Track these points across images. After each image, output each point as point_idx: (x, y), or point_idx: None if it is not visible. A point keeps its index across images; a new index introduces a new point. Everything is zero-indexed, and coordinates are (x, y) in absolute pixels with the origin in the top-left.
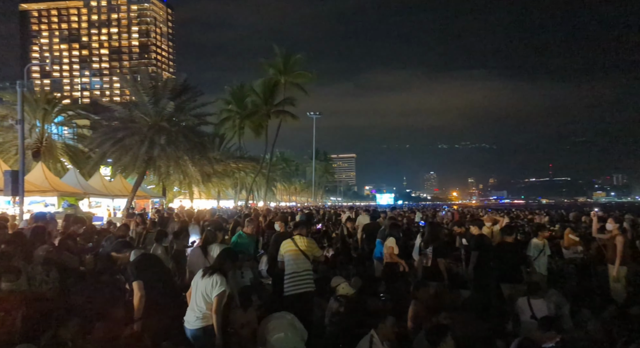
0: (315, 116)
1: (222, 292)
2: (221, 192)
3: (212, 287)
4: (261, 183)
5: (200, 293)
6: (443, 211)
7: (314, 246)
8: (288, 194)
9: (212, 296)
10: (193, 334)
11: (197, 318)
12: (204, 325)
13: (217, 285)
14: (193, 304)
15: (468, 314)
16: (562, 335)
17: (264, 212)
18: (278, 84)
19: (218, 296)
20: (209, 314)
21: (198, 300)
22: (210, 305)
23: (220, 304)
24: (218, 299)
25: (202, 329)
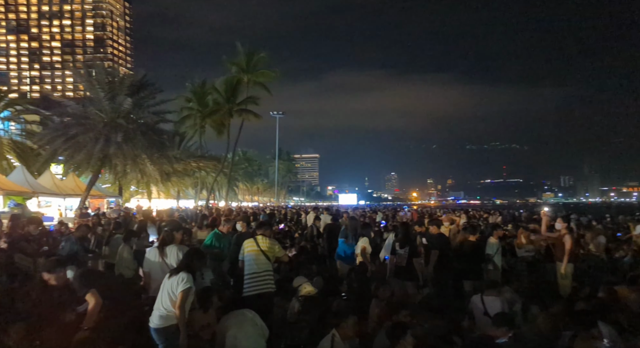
0: (278, 116)
1: (187, 289)
2: (181, 192)
3: (177, 284)
4: (223, 182)
5: (166, 292)
6: (403, 211)
7: (276, 247)
8: (250, 194)
9: (177, 293)
10: (157, 334)
11: (162, 317)
12: (168, 324)
13: (183, 282)
14: (158, 303)
15: (427, 312)
16: (514, 331)
17: (226, 212)
18: (241, 82)
19: (183, 292)
20: (173, 313)
21: (164, 299)
22: (175, 304)
23: (184, 300)
24: (183, 294)
25: (166, 328)
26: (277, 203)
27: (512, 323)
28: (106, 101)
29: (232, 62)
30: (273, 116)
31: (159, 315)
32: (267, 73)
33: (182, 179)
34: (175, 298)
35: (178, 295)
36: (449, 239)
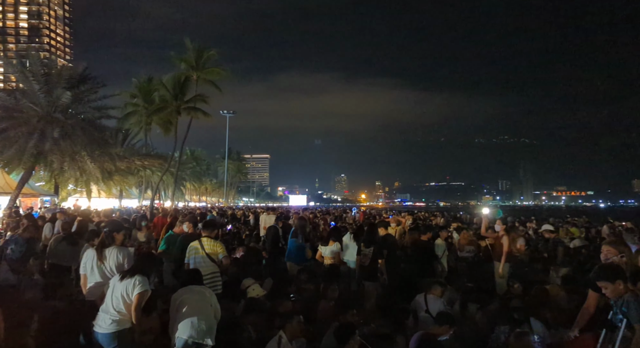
0: (228, 115)
1: (144, 291)
2: (124, 191)
3: (133, 287)
4: (169, 182)
5: (119, 295)
6: (352, 212)
7: (219, 249)
8: (198, 194)
9: (132, 296)
10: (106, 338)
11: (113, 321)
12: (119, 328)
13: (139, 285)
14: (108, 307)
15: (373, 311)
16: (454, 328)
17: (171, 212)
18: (189, 79)
19: (139, 294)
20: (126, 317)
21: (115, 303)
22: (129, 307)
23: (140, 303)
24: (139, 297)
25: (117, 333)
26: (226, 204)
27: (452, 321)
28: (41, 94)
29: (180, 59)
30: (223, 115)
31: (111, 319)
32: (218, 71)
33: (125, 178)
34: (130, 301)
35: (134, 297)
36: (395, 239)
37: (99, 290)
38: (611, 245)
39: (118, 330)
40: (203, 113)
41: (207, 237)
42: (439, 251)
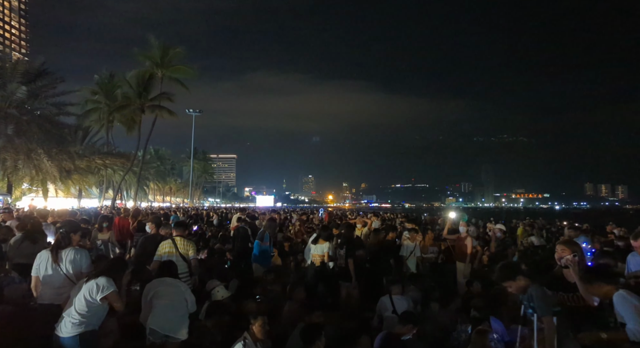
0: (194, 113)
1: (111, 293)
2: (83, 190)
3: (97, 291)
4: (132, 181)
5: (82, 297)
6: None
7: (190, 250)
8: (162, 194)
9: (98, 299)
10: (68, 342)
11: (74, 324)
12: (81, 330)
13: (103, 288)
14: (70, 310)
15: (339, 312)
16: (417, 327)
17: (133, 212)
18: (154, 77)
19: (108, 296)
20: (89, 320)
21: (78, 305)
22: (94, 309)
23: (115, 301)
24: (110, 298)
25: (79, 336)
26: (191, 204)
27: (416, 321)
28: None
29: (144, 55)
30: (189, 114)
31: (72, 322)
32: (184, 69)
33: (85, 177)
34: (95, 304)
35: (107, 297)
36: (362, 240)
37: (54, 292)
38: (565, 245)
39: (80, 333)
40: (168, 111)
41: (180, 236)
42: (405, 251)
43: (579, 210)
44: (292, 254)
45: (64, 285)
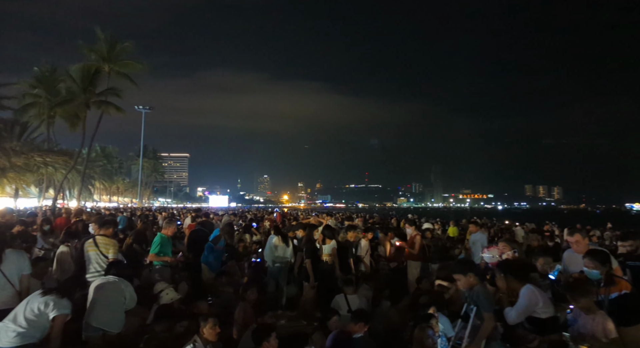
0: (144, 110)
1: (62, 315)
2: (20, 189)
3: (53, 308)
4: (75, 180)
5: (29, 309)
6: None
7: (111, 249)
8: (108, 194)
9: (49, 316)
10: None
11: (17, 334)
12: (24, 342)
13: (57, 307)
14: (17, 318)
15: (291, 312)
16: (368, 325)
17: (75, 213)
18: (100, 71)
19: (58, 318)
20: (33, 333)
21: (27, 314)
22: (40, 324)
23: (59, 327)
24: (58, 320)
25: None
26: (140, 204)
27: (367, 319)
28: None
29: (90, 49)
30: (138, 111)
31: (16, 331)
32: (132, 64)
33: (23, 175)
34: (42, 319)
35: (52, 320)
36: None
37: None
38: (506, 242)
39: (21, 345)
40: (115, 108)
41: (103, 236)
42: (362, 251)
43: (519, 210)
44: (246, 255)
45: (3, 288)
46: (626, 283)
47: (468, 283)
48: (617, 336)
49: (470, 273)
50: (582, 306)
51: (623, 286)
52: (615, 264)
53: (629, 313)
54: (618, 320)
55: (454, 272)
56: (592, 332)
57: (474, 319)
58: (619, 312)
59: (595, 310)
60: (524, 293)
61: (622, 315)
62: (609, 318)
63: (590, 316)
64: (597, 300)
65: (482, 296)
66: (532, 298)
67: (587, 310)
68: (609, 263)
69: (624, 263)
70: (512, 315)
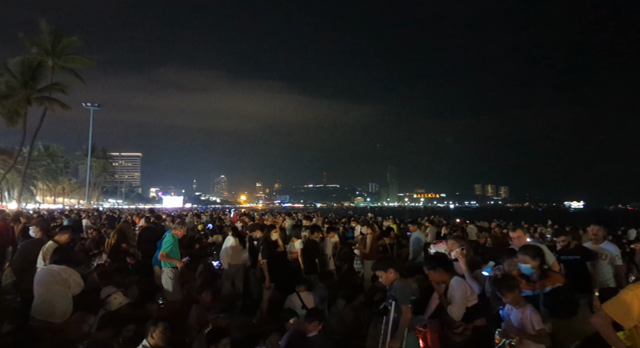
0: (93, 108)
1: None
2: None
3: None
4: (15, 180)
5: None
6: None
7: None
8: (53, 195)
9: None
10: None
11: None
12: None
13: None
14: None
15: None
16: (323, 323)
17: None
18: (44, 66)
19: None
20: None
21: None
22: None
23: None
24: None
25: None
26: (88, 205)
27: (321, 317)
28: None
29: (32, 41)
30: (86, 108)
31: None
32: (79, 59)
33: None
34: None
35: None
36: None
37: None
38: (454, 240)
39: None
40: (60, 104)
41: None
42: (329, 250)
43: (469, 209)
44: (202, 256)
45: None
46: (560, 277)
47: (388, 278)
48: (543, 328)
49: (390, 269)
50: (510, 300)
51: (556, 280)
52: (552, 258)
53: (563, 305)
54: (553, 313)
55: (375, 269)
56: (521, 325)
57: (393, 313)
58: (553, 305)
59: (524, 304)
60: (456, 287)
61: (556, 308)
62: (536, 312)
63: (519, 310)
64: (532, 294)
65: (400, 290)
66: (463, 289)
67: (516, 304)
68: (539, 258)
69: (558, 257)
70: (455, 310)
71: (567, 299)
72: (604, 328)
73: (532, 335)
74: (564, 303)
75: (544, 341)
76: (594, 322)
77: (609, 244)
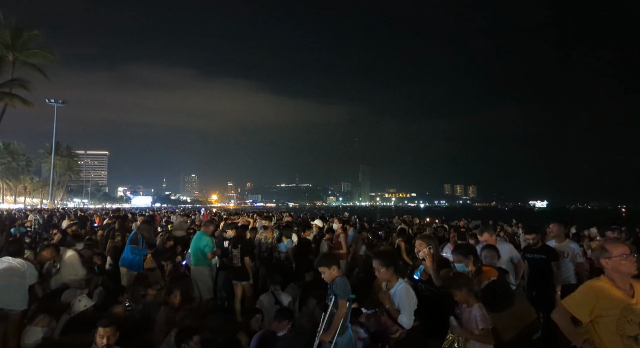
0: (57, 104)
1: None
2: None
3: None
4: None
5: None
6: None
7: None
8: (14, 194)
9: None
10: None
11: None
12: None
13: None
14: None
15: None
16: (292, 322)
17: None
18: (3, 60)
19: None
20: None
21: None
22: None
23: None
24: None
25: None
26: (51, 205)
27: (291, 316)
28: None
29: None
30: (50, 104)
31: None
32: (42, 54)
33: None
34: None
35: None
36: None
37: None
38: (422, 239)
39: None
40: (21, 100)
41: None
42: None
43: (438, 208)
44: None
45: None
46: (493, 270)
47: (331, 275)
48: (487, 327)
49: (333, 266)
50: (459, 299)
51: (490, 274)
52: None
53: (498, 299)
54: (490, 307)
55: (318, 265)
56: (467, 324)
57: (332, 308)
58: (490, 299)
59: (473, 302)
60: (403, 295)
61: (492, 302)
62: (482, 310)
63: (468, 309)
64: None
65: (340, 286)
66: (410, 295)
67: (466, 303)
68: (472, 255)
69: (523, 255)
70: (404, 320)
71: (502, 292)
72: (563, 322)
73: (473, 335)
74: (499, 296)
75: (487, 340)
76: (554, 317)
77: (571, 242)
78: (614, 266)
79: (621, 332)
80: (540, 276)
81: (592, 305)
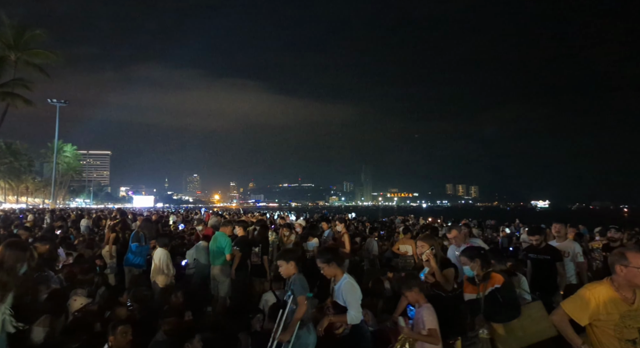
0: (59, 104)
1: None
2: None
3: None
4: None
5: None
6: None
7: None
8: (16, 194)
9: None
10: None
11: None
12: None
13: None
14: None
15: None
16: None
17: None
18: (6, 60)
19: None
20: None
21: None
22: None
23: None
24: None
25: None
26: (53, 205)
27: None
28: None
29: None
30: (52, 104)
31: None
32: (44, 54)
33: None
34: None
35: None
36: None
37: None
38: (424, 240)
39: None
40: (23, 100)
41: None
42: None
43: (440, 208)
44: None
45: None
46: (499, 277)
47: (288, 271)
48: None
49: (291, 262)
50: (411, 300)
51: (496, 281)
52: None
53: (499, 308)
54: (489, 316)
55: (277, 259)
56: (415, 324)
57: (291, 305)
58: (491, 307)
59: (423, 303)
60: (348, 289)
61: (493, 311)
62: (432, 311)
63: (419, 309)
64: (475, 298)
65: (298, 283)
66: (355, 288)
67: (417, 304)
68: (479, 259)
69: (526, 255)
70: (353, 314)
71: (506, 300)
72: (561, 324)
73: (419, 336)
74: (501, 305)
75: (433, 341)
76: (553, 319)
77: (572, 242)
78: (628, 275)
79: (619, 335)
80: (544, 277)
81: (591, 310)
